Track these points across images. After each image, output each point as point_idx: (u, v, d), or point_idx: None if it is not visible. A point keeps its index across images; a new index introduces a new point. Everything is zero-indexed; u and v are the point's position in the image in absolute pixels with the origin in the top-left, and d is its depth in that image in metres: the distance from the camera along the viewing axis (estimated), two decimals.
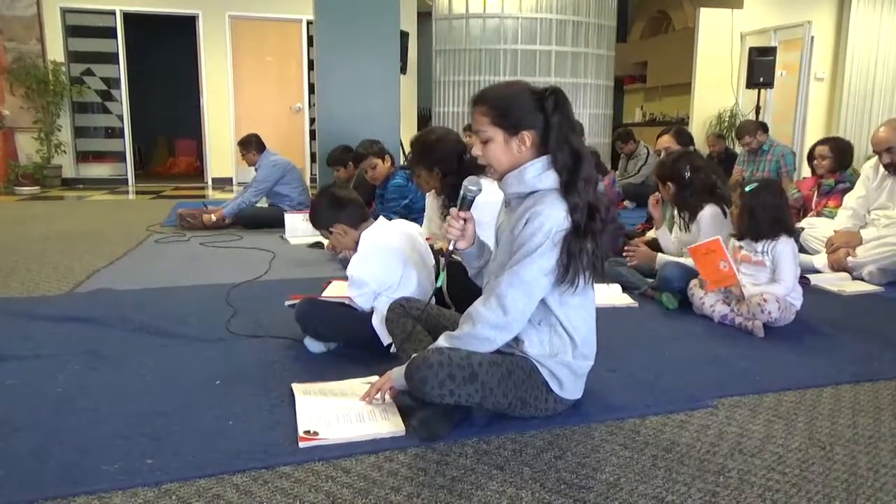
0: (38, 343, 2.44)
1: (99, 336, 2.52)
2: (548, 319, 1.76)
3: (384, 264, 2.33)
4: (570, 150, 1.70)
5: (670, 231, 3.40)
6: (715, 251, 2.74)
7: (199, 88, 9.21)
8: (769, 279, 2.76)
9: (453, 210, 1.85)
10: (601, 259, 1.71)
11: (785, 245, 2.75)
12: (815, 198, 4.53)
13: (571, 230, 1.66)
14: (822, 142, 4.66)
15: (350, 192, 2.62)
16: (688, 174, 3.15)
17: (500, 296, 1.68)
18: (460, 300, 2.18)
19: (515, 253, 1.70)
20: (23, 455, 1.61)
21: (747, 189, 2.82)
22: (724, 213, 3.08)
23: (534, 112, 1.71)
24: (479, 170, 2.81)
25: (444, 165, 2.81)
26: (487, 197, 1.93)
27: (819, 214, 4.40)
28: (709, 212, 3.09)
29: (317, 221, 2.50)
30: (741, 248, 2.85)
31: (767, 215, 2.75)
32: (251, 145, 5.58)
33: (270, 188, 5.49)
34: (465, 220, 1.85)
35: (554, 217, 1.65)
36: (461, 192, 1.84)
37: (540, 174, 1.71)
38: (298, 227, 4.81)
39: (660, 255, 3.28)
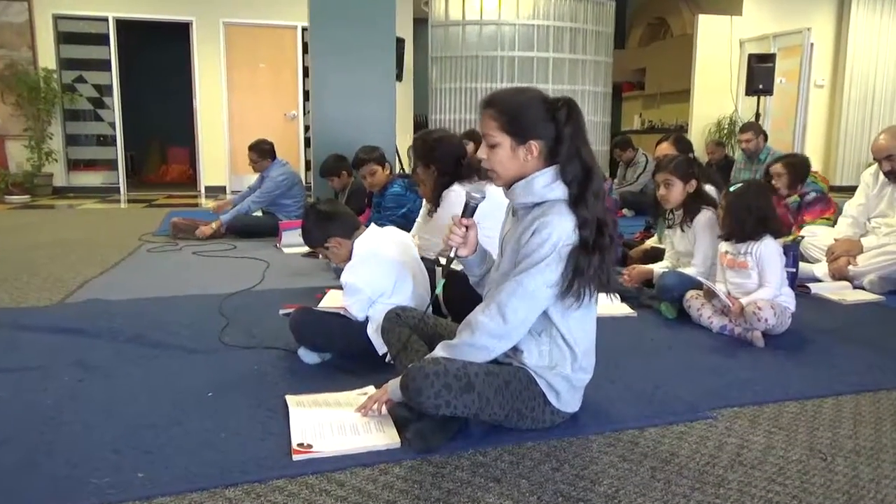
0: (27, 354, 2.41)
1: (89, 347, 2.49)
2: (549, 331, 1.74)
3: (378, 270, 2.32)
4: (580, 164, 1.67)
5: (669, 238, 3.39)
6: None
7: (193, 95, 9.19)
8: (756, 284, 2.74)
9: (455, 217, 1.83)
10: (608, 274, 1.68)
11: (769, 246, 2.74)
12: (790, 218, 4.53)
13: (580, 245, 1.63)
14: (777, 160, 4.71)
15: (336, 204, 2.61)
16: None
17: (501, 304, 1.66)
18: (457, 310, 2.16)
19: (520, 262, 1.67)
20: (10, 468, 1.58)
21: (732, 189, 2.83)
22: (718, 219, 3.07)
23: (544, 122, 1.68)
24: (477, 175, 2.80)
25: (442, 165, 2.87)
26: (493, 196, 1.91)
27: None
28: (704, 216, 3.09)
29: (311, 240, 2.48)
30: (727, 252, 2.85)
31: (752, 216, 2.74)
32: (267, 154, 5.55)
33: (275, 199, 5.48)
34: (467, 227, 1.83)
35: (561, 229, 1.63)
36: (465, 199, 1.83)
37: (549, 184, 1.69)
38: (294, 239, 4.78)
39: (654, 269, 3.27)
